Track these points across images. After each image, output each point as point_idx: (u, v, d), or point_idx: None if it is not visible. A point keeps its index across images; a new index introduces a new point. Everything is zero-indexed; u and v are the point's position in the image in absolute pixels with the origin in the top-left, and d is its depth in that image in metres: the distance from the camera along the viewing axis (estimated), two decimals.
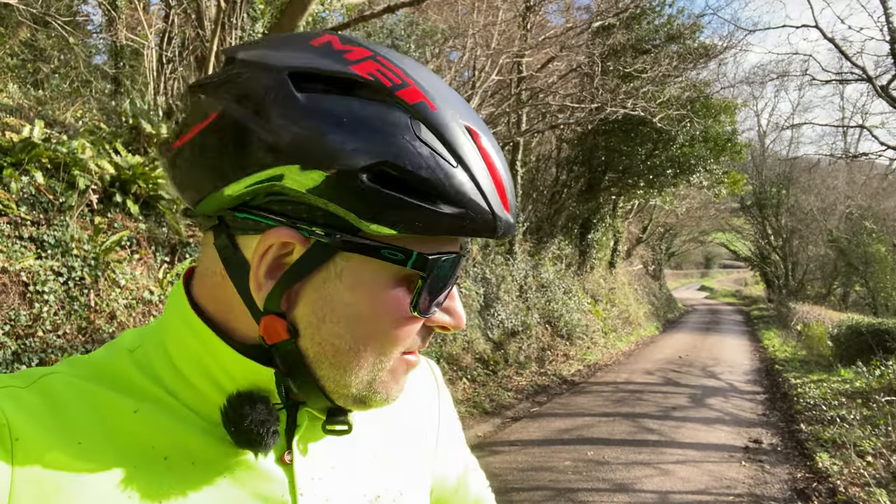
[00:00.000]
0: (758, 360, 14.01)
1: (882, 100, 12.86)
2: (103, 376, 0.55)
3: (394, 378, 0.58)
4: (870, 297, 24.75)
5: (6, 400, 0.50)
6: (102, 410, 0.52)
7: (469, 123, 0.53)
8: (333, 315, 0.53)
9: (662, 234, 31.25)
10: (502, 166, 0.55)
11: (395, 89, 0.50)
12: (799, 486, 5.50)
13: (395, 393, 0.59)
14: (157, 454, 0.52)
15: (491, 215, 0.52)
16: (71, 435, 0.50)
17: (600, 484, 5.26)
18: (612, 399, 8.68)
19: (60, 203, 4.48)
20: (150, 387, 0.55)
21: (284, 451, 0.58)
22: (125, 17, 8.14)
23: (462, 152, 0.52)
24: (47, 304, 4.09)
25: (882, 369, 9.35)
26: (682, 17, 13.89)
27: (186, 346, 0.56)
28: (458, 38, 10.83)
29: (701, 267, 71.49)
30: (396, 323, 0.54)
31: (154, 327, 0.60)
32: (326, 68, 0.51)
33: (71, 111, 5.73)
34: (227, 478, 0.54)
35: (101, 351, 0.59)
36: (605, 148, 14.80)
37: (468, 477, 0.85)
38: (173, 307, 0.59)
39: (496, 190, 0.53)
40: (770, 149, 32.20)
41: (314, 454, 0.60)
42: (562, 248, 14.78)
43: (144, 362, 0.57)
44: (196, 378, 0.55)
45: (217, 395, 0.55)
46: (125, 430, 0.52)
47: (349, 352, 0.54)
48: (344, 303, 0.53)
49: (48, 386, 0.53)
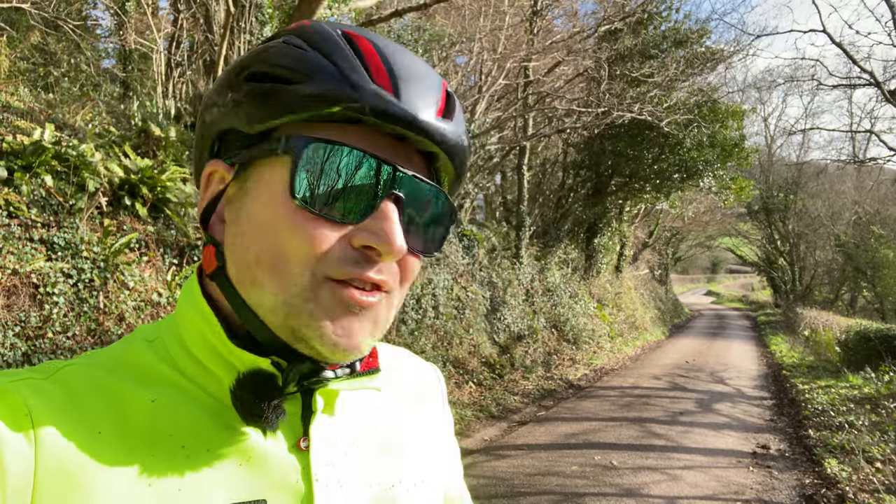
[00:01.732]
0: (765, 365, 13.93)
1: (890, 105, 12.78)
2: (121, 366, 0.57)
3: (322, 307, 0.53)
4: (878, 302, 24.62)
5: (28, 391, 0.51)
6: (121, 400, 0.54)
7: (353, 32, 0.57)
8: (242, 228, 0.56)
9: (669, 239, 31.18)
10: (393, 55, 0.56)
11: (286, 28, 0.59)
12: (807, 493, 5.46)
13: (334, 335, 0.53)
14: (175, 442, 0.53)
15: (350, 87, 0.53)
16: (91, 424, 0.51)
17: (608, 489, 5.24)
18: (618, 403, 8.64)
19: (70, 206, 4.51)
20: (168, 372, 0.57)
21: (300, 437, 0.59)
22: (134, 21, 8.19)
23: (323, 43, 0.56)
24: (57, 305, 4.11)
25: (891, 375, 9.28)
26: (689, 22, 13.90)
27: (198, 331, 0.58)
28: (465, 43, 10.86)
29: (707, 272, 71.30)
30: (291, 225, 0.53)
31: (169, 318, 0.62)
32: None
33: (81, 114, 5.77)
34: (244, 464, 0.55)
35: (119, 343, 0.61)
36: (612, 152, 14.78)
37: (465, 496, 0.83)
38: (186, 295, 0.61)
39: (370, 70, 0.54)
40: (778, 154, 32.11)
41: (328, 441, 0.60)
42: (568, 253, 14.77)
43: (162, 351, 0.59)
44: (208, 361, 0.57)
45: (229, 377, 0.56)
46: (143, 420, 0.53)
47: (257, 263, 0.54)
48: (249, 213, 0.56)
49: (67, 377, 0.54)
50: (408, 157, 0.57)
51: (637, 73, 11.72)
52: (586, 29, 12.03)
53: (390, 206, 0.54)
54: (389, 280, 0.56)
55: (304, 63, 0.54)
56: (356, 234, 0.54)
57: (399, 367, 0.76)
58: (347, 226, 0.54)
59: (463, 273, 9.92)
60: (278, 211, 0.54)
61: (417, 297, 8.24)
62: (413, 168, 0.57)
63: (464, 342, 8.88)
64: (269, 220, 0.54)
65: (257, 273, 0.54)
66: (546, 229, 14.21)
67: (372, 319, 0.56)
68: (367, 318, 0.55)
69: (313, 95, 0.53)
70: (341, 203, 0.54)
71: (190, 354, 0.58)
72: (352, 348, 0.55)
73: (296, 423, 0.59)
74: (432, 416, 0.76)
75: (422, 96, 0.55)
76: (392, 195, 0.54)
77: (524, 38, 11.29)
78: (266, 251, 0.54)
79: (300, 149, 0.53)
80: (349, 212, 0.54)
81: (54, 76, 7.85)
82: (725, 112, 14.51)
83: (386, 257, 0.54)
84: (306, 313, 0.53)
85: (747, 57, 19.57)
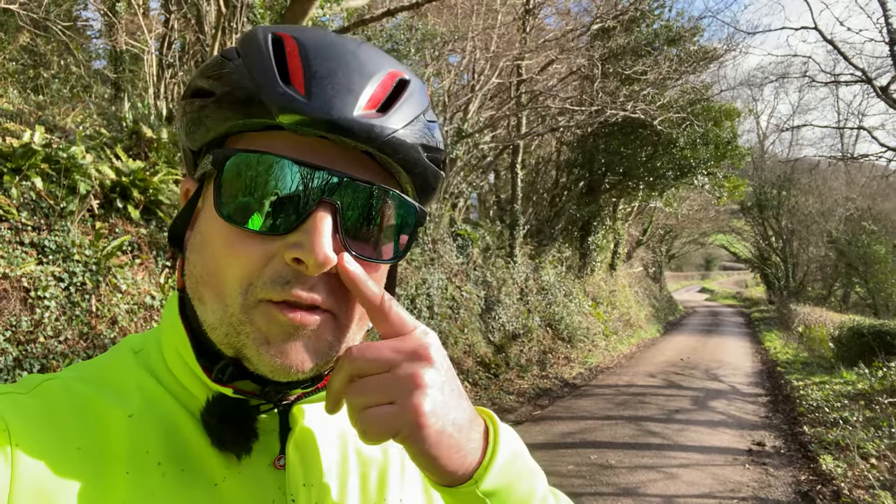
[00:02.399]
0: (759, 362, 13.99)
1: (881, 101, 12.84)
2: (104, 379, 0.56)
3: (259, 332, 0.51)
4: (870, 298, 24.74)
5: (6, 406, 0.51)
6: (100, 415, 0.53)
7: (287, 34, 0.54)
8: (196, 246, 0.55)
9: (662, 237, 31.25)
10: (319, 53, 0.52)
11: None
12: (803, 489, 5.47)
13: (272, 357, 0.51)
14: (151, 460, 0.52)
15: (257, 91, 0.50)
16: (70, 441, 0.50)
17: (605, 488, 5.24)
18: (614, 402, 8.65)
19: (61, 208, 4.47)
20: (151, 385, 0.56)
21: (276, 455, 0.58)
22: (125, 21, 8.13)
23: (248, 49, 0.53)
24: (48, 309, 4.07)
25: (884, 371, 9.33)
26: (681, 21, 13.92)
27: (175, 349, 0.58)
28: (458, 42, 10.84)
29: (701, 269, 71.53)
30: (222, 242, 0.52)
31: (155, 330, 0.62)
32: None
33: (71, 116, 5.72)
34: (218, 484, 0.54)
35: (106, 354, 0.60)
36: (606, 150, 14.81)
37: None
38: (167, 309, 0.61)
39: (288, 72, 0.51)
40: (770, 150, 32.27)
41: (307, 460, 0.59)
42: (562, 251, 14.78)
43: (146, 363, 0.58)
44: (185, 379, 0.57)
45: (204, 395, 0.56)
46: (122, 435, 0.52)
47: (202, 281, 0.54)
48: (201, 231, 0.55)
49: (48, 391, 0.54)
50: (353, 160, 0.53)
51: (630, 71, 11.73)
52: (579, 27, 12.04)
53: (320, 214, 0.50)
54: (325, 298, 0.52)
55: (224, 74, 0.53)
56: (285, 247, 0.51)
57: None
58: (277, 239, 0.51)
59: (457, 272, 9.90)
60: (212, 228, 0.53)
61: (412, 298, 8.22)
62: (360, 171, 0.53)
63: (459, 342, 8.87)
64: (208, 238, 0.54)
65: (203, 290, 0.54)
66: (540, 228, 14.21)
67: (314, 338, 0.52)
68: (307, 337, 0.52)
69: (229, 105, 0.52)
70: (270, 215, 0.51)
71: (169, 371, 0.58)
72: (292, 369, 0.52)
73: (273, 441, 0.58)
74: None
75: (340, 92, 0.50)
76: (323, 202, 0.51)
77: (517, 36, 11.28)
78: (206, 269, 0.53)
79: (221, 163, 0.52)
80: (276, 224, 0.51)
81: (44, 78, 7.78)
82: (719, 111, 14.56)
83: (311, 270, 0.50)
84: (244, 335, 0.52)
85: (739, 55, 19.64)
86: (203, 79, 0.54)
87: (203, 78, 0.54)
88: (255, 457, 0.56)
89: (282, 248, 0.51)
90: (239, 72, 0.52)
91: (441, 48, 10.87)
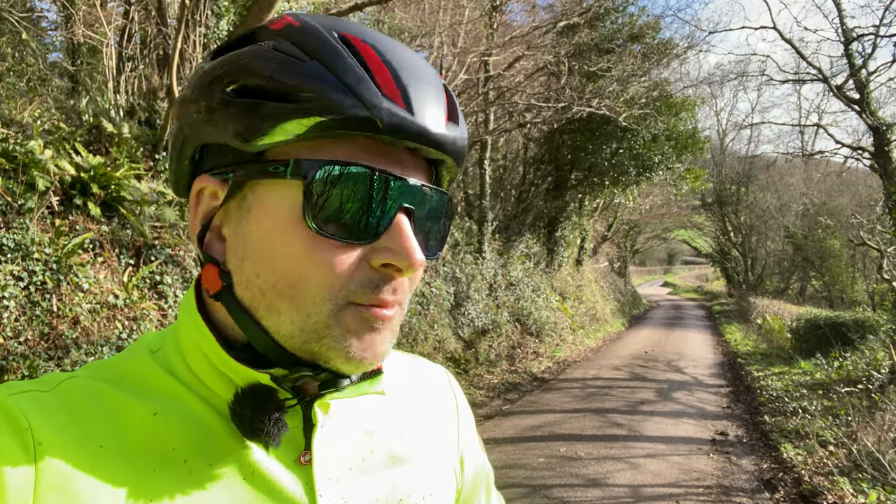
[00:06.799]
0: (721, 353, 14.32)
1: (837, 99, 13.23)
2: (124, 379, 0.56)
3: (345, 329, 0.53)
4: (826, 290, 25.53)
5: (28, 404, 0.50)
6: (123, 413, 0.53)
7: (347, 32, 0.54)
8: (249, 253, 0.54)
9: (627, 232, 31.70)
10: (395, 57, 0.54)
11: (267, 25, 0.55)
12: (765, 477, 5.64)
13: (359, 351, 0.53)
14: (177, 456, 0.52)
15: (363, 106, 0.50)
16: (92, 438, 0.50)
17: (573, 479, 5.31)
18: (581, 395, 8.77)
19: (19, 205, 4.33)
20: (171, 384, 0.56)
21: (302, 451, 0.58)
22: (83, 12, 7.90)
23: (322, 51, 0.52)
24: (7, 309, 3.95)
25: (841, 361, 9.64)
26: (644, 17, 14.16)
27: (196, 346, 0.57)
28: (425, 37, 10.81)
29: (664, 263, 72.82)
30: (307, 252, 0.52)
31: (173, 328, 0.61)
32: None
33: (28, 110, 5.54)
34: (245, 480, 0.54)
35: (122, 354, 0.60)
36: (571, 146, 14.96)
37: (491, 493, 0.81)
38: (184, 308, 0.60)
39: (377, 81, 0.52)
40: (729, 147, 32.96)
41: (331, 455, 0.59)
42: (530, 247, 14.89)
43: (164, 362, 0.58)
44: (207, 376, 0.56)
45: (227, 392, 0.55)
46: (146, 434, 0.52)
47: (273, 291, 0.53)
48: (255, 238, 0.54)
49: (70, 390, 0.53)
50: (412, 164, 0.56)
51: (595, 68, 11.85)
52: (545, 24, 12.12)
53: (403, 219, 0.54)
54: (404, 293, 0.56)
55: (305, 78, 0.51)
56: (373, 253, 0.53)
57: (405, 371, 0.74)
58: (363, 246, 0.53)
59: (426, 269, 9.89)
60: (291, 238, 0.52)
61: None
62: (417, 173, 0.56)
63: (428, 338, 8.88)
64: (282, 248, 0.53)
65: (274, 300, 0.53)
66: (508, 224, 14.29)
67: (390, 329, 0.56)
68: (386, 328, 0.55)
69: (308, 112, 0.50)
70: (355, 224, 0.52)
71: (190, 369, 0.57)
72: (375, 359, 0.55)
73: (297, 436, 0.58)
74: (442, 422, 0.73)
75: (430, 105, 0.54)
76: (403, 208, 0.54)
77: (484, 32, 11.30)
78: (282, 280, 0.53)
79: (311, 174, 0.51)
80: (364, 232, 0.53)
81: None
82: (680, 105, 14.89)
83: (407, 272, 0.54)
84: (329, 337, 0.53)
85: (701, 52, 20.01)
86: (261, 77, 0.52)
87: (260, 76, 0.52)
88: (282, 451, 0.56)
89: (369, 253, 0.53)
90: (321, 77, 0.51)
91: (409, 43, 10.83)
